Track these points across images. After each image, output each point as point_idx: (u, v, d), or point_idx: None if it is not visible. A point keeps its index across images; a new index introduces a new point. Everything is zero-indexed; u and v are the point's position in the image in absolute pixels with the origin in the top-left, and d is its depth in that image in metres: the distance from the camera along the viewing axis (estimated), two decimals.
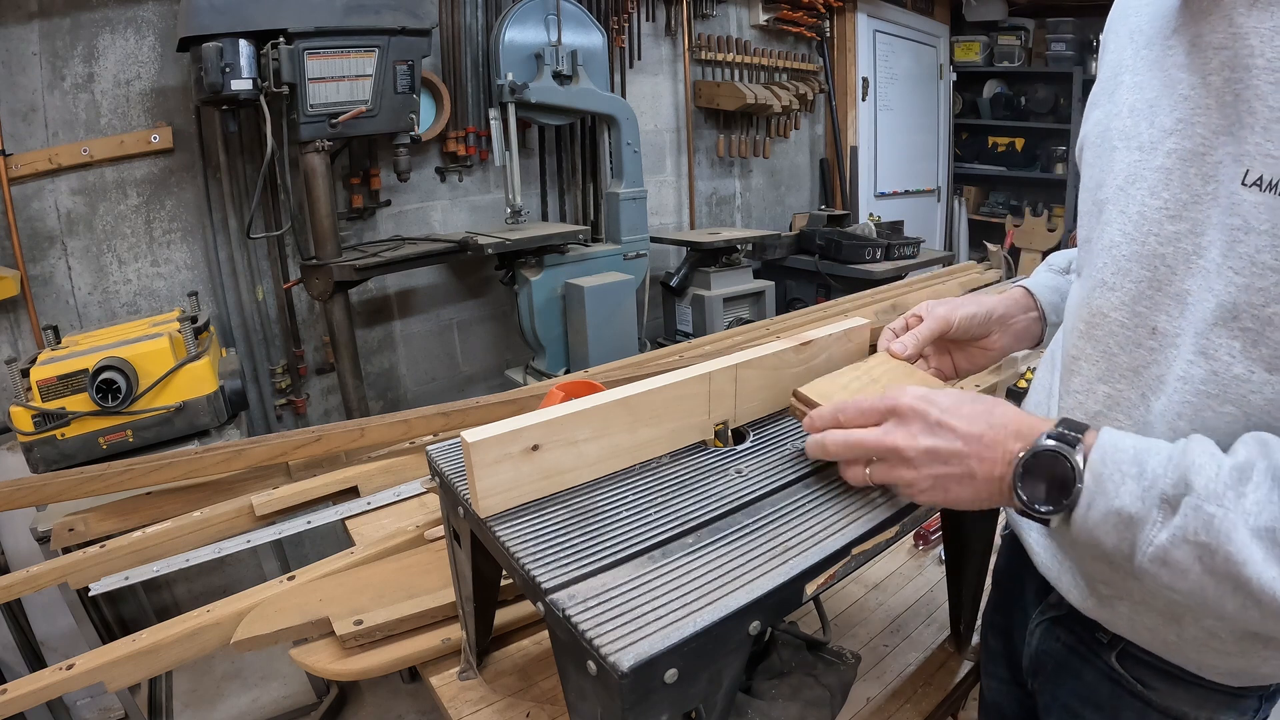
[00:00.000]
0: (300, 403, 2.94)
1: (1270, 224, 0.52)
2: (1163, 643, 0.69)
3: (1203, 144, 0.58)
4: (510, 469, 0.75)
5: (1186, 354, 0.59)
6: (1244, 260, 0.54)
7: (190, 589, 2.56)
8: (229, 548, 1.38)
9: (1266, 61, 0.53)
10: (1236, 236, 0.54)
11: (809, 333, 1.01)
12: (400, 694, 2.28)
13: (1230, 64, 0.56)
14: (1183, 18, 0.61)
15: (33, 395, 1.68)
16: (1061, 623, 0.80)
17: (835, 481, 0.82)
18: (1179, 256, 0.60)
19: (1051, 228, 5.28)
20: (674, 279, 3.50)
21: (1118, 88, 0.69)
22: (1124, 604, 0.69)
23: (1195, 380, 0.58)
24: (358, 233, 3.01)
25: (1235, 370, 0.56)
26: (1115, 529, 0.54)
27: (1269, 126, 0.52)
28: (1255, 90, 0.53)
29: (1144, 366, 0.63)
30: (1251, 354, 0.55)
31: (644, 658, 0.56)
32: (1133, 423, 0.65)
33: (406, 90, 2.49)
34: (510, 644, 1.09)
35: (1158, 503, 0.52)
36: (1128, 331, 0.65)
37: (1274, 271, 0.52)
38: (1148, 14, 0.68)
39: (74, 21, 2.32)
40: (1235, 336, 0.55)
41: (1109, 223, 0.67)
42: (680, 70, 3.93)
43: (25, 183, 2.31)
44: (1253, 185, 0.53)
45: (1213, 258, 0.57)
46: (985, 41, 5.59)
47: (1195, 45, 0.59)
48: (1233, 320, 0.55)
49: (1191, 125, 0.59)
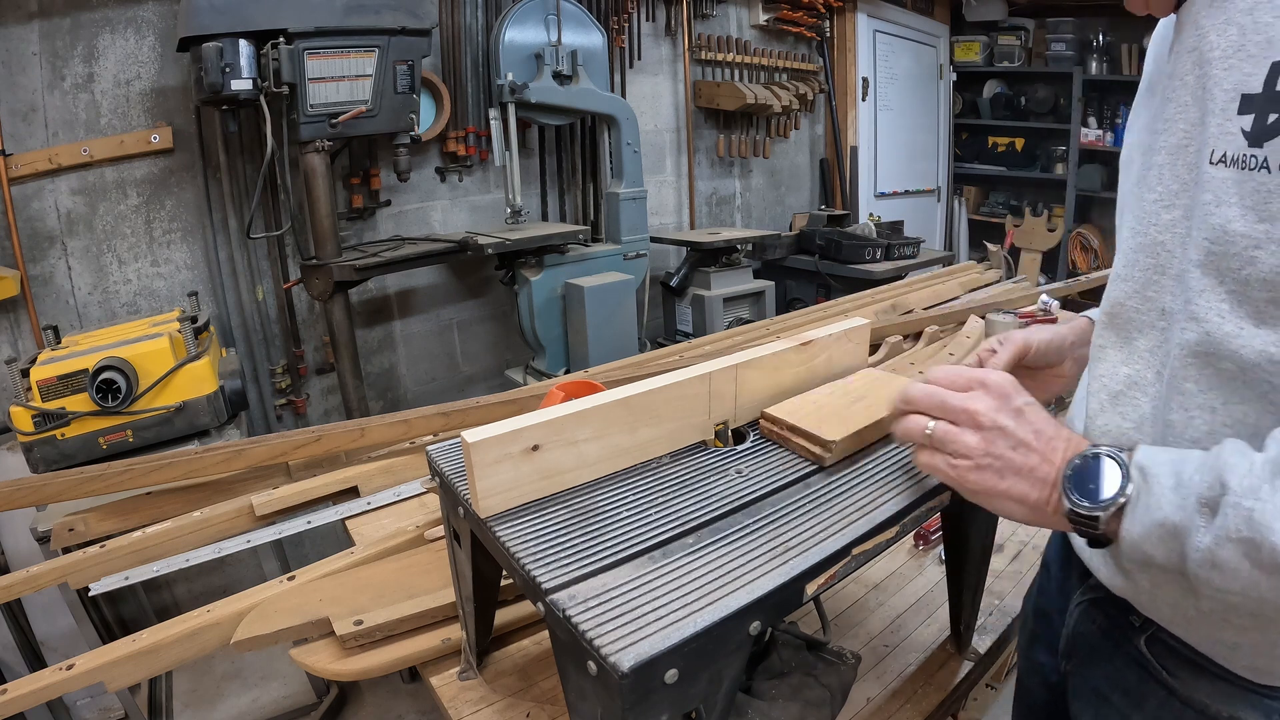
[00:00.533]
0: (300, 403, 2.94)
1: (1237, 194, 0.57)
2: (1184, 619, 0.70)
3: (1184, 138, 0.64)
4: (510, 469, 0.75)
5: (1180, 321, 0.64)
6: (1218, 230, 0.59)
7: (190, 589, 2.56)
8: (229, 548, 1.38)
9: (1221, 52, 0.58)
10: (1210, 210, 0.60)
11: (809, 333, 1.01)
12: (400, 694, 2.28)
13: (1198, 61, 0.61)
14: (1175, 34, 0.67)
15: (33, 395, 1.68)
16: (1099, 605, 0.82)
17: (835, 482, 0.82)
18: (1175, 241, 0.65)
19: (1051, 228, 5.28)
20: (674, 279, 3.50)
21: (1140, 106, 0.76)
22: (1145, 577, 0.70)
23: (1188, 342, 0.63)
24: (358, 233, 3.01)
25: (1225, 328, 0.60)
26: (1162, 541, 0.56)
27: (1225, 107, 0.58)
28: (1214, 79, 0.59)
29: (1158, 345, 0.68)
30: (1237, 311, 0.59)
31: (644, 658, 0.56)
32: (1149, 399, 0.68)
33: (406, 90, 2.49)
34: (510, 644, 1.09)
35: (1197, 508, 0.53)
36: (1142, 316, 0.70)
37: (1244, 237, 0.57)
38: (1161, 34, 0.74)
39: (74, 21, 2.32)
40: (1222, 299, 0.60)
41: (1124, 224, 0.74)
42: (680, 70, 3.93)
43: (25, 183, 2.31)
44: (1218, 163, 0.59)
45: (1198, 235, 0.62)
46: (985, 41, 5.59)
47: (1176, 53, 0.66)
48: (1218, 285, 0.60)
49: (1175, 123, 0.65)
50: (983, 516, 0.96)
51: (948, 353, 2.06)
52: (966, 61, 5.69)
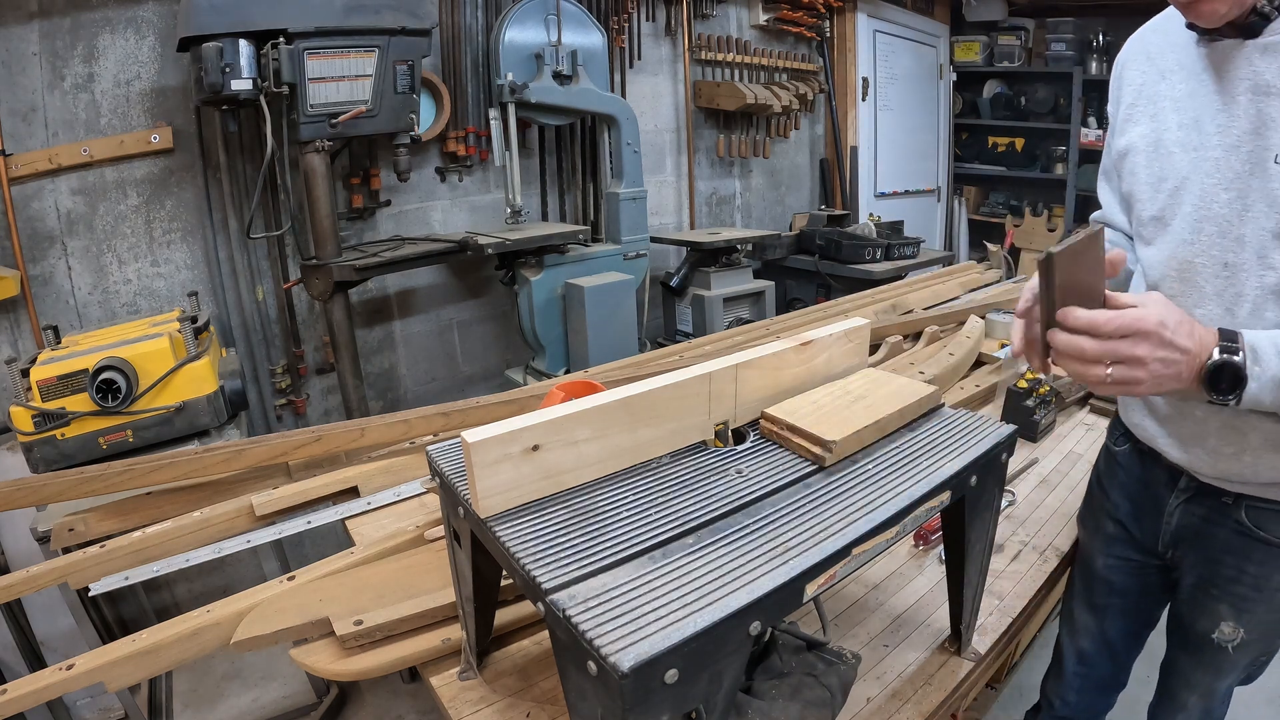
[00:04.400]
0: (300, 403, 2.94)
1: None
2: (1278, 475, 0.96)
3: (1238, 140, 0.90)
4: (510, 469, 0.75)
5: (1256, 270, 0.89)
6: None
7: (190, 589, 2.56)
8: (229, 548, 1.38)
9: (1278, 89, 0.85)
10: (1275, 194, 0.86)
11: (809, 333, 1.01)
12: (400, 694, 2.28)
13: (1252, 89, 0.88)
14: (1206, 63, 0.94)
15: (33, 395, 1.68)
16: (1194, 499, 1.09)
17: (835, 482, 0.82)
18: (1233, 214, 0.91)
19: (1051, 227, 5.28)
20: (674, 279, 3.50)
21: (1159, 111, 1.01)
22: (1247, 454, 0.97)
23: (1269, 284, 0.89)
24: (358, 233, 3.01)
25: None
26: (1273, 391, 0.80)
27: None
28: (1277, 107, 0.85)
29: (1222, 290, 0.93)
30: None
31: (644, 658, 0.56)
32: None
33: (406, 90, 2.49)
34: (510, 644, 1.09)
35: None
36: (1209, 269, 0.94)
37: None
38: (1174, 59, 1.00)
39: (74, 21, 2.32)
40: None
41: (1182, 201, 0.97)
42: (680, 70, 3.93)
43: (25, 183, 2.31)
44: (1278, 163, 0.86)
45: (1260, 209, 0.88)
46: (985, 41, 5.59)
47: (1223, 77, 0.91)
48: None
49: (1229, 130, 0.91)
50: (983, 516, 0.96)
51: (947, 353, 2.06)
52: (966, 61, 5.69)
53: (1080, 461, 1.68)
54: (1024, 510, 1.49)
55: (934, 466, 0.86)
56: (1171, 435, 1.08)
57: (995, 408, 1.89)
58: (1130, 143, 1.05)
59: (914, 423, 0.98)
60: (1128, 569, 1.25)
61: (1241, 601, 1.06)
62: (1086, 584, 1.33)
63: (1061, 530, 1.41)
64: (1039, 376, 1.79)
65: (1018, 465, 1.64)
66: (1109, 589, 1.29)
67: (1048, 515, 1.47)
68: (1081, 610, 1.35)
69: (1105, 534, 1.27)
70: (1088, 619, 1.34)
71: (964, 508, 0.93)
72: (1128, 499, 1.22)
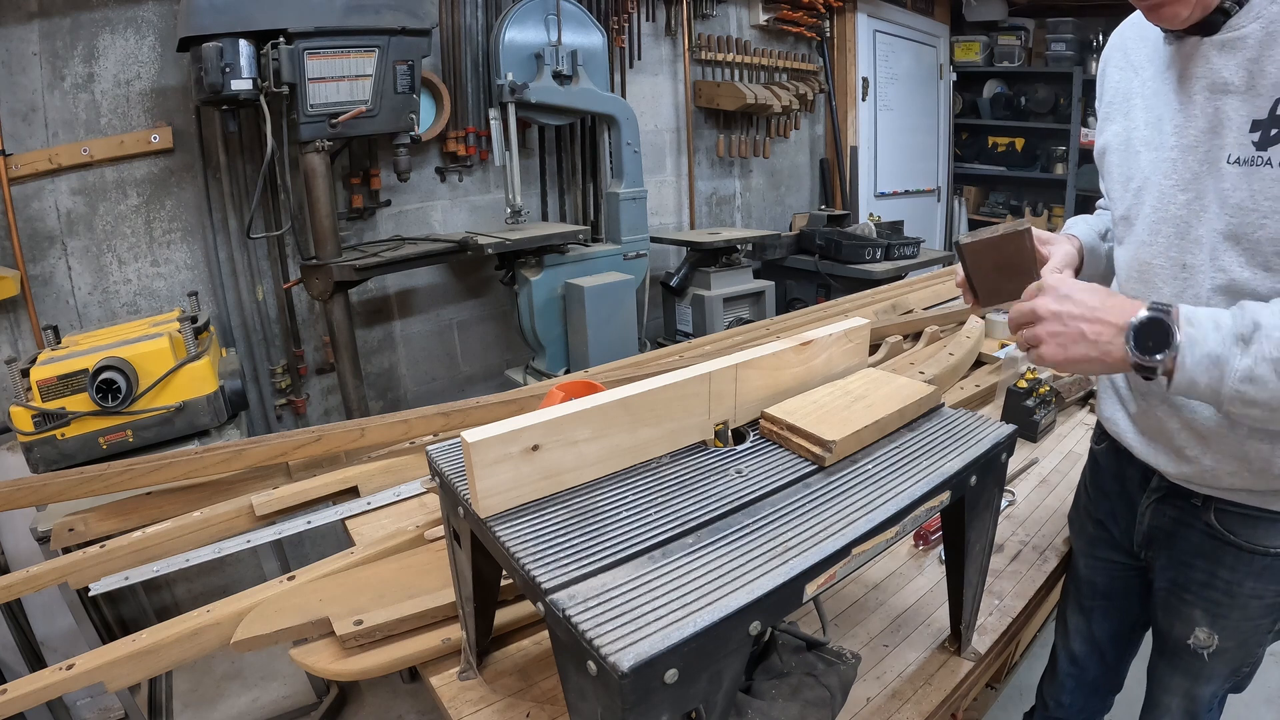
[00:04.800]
0: (300, 403, 2.94)
1: (1246, 184, 0.83)
2: (1240, 481, 0.94)
3: (1195, 140, 0.88)
4: (510, 469, 0.75)
5: (1209, 271, 0.88)
6: (1234, 208, 0.84)
7: (190, 589, 2.56)
8: (229, 548, 1.38)
9: (1235, 88, 0.83)
10: (1226, 194, 0.85)
11: (809, 333, 1.01)
12: (400, 694, 2.28)
13: (1208, 87, 0.86)
14: (1170, 60, 0.92)
15: (33, 395, 1.68)
16: (1165, 500, 1.08)
17: (835, 482, 0.82)
18: (1191, 215, 0.90)
19: (1051, 227, 5.27)
20: (674, 279, 3.50)
21: (1131, 109, 1.00)
22: (1207, 458, 0.96)
23: (1219, 285, 0.87)
24: (358, 233, 3.01)
25: (1244, 275, 0.85)
26: (1207, 370, 0.76)
27: (1240, 126, 0.83)
28: (1231, 105, 0.84)
29: (1181, 292, 0.92)
30: (1252, 263, 0.84)
31: (644, 658, 0.56)
32: None
33: (406, 90, 2.49)
34: (510, 644, 1.09)
35: (1234, 340, 0.75)
36: (1167, 271, 0.94)
37: (1253, 211, 0.82)
38: (1145, 54, 0.99)
39: (74, 21, 2.32)
40: (1239, 255, 0.85)
41: (1144, 201, 0.96)
42: (680, 70, 3.93)
43: (25, 183, 2.31)
44: (1234, 163, 0.84)
45: (1214, 211, 0.87)
46: (985, 41, 5.59)
47: (1183, 76, 0.90)
48: (1235, 245, 0.85)
49: (1186, 130, 0.89)
50: (982, 516, 0.96)
51: (948, 353, 2.06)
52: (966, 61, 5.68)
53: (1080, 461, 1.68)
54: (1024, 510, 1.49)
55: (934, 466, 0.86)
56: (1140, 432, 1.07)
57: (995, 408, 1.89)
58: (1106, 142, 1.06)
59: (914, 423, 0.98)
60: (1111, 570, 1.24)
61: (1215, 607, 1.04)
62: (1076, 585, 1.32)
63: (1061, 530, 1.41)
64: (1039, 377, 1.79)
65: (1017, 465, 1.64)
66: (1094, 590, 1.28)
67: (1047, 515, 1.47)
68: (1073, 612, 1.35)
69: (1088, 534, 1.26)
70: (1078, 620, 1.34)
71: (964, 508, 0.93)
72: (1106, 498, 1.21)
